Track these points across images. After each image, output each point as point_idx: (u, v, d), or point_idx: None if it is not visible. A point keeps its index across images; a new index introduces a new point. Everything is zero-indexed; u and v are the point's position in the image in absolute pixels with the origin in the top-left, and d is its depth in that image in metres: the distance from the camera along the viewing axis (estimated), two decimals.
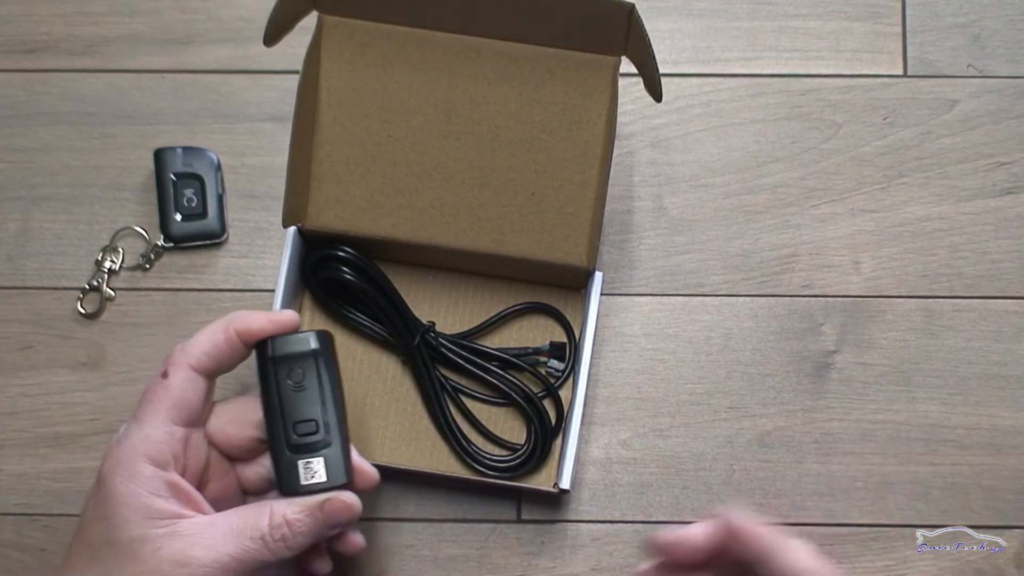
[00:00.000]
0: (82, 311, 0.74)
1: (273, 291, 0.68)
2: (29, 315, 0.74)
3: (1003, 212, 0.75)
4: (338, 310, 0.71)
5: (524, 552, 0.71)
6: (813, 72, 0.78)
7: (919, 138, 0.76)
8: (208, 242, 0.75)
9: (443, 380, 0.71)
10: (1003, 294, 0.74)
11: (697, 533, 0.53)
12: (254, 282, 0.74)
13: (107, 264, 0.74)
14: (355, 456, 0.58)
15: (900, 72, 0.77)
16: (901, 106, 0.77)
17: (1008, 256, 0.74)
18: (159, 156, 0.75)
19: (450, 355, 0.70)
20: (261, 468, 0.59)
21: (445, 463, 0.70)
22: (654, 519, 0.71)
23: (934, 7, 0.78)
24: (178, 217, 0.74)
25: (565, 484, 0.67)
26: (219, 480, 0.58)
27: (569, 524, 0.71)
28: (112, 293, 0.74)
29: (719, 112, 0.77)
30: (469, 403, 0.71)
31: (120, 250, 0.75)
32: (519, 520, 0.71)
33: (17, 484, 0.72)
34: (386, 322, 0.71)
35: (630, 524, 0.71)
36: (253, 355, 0.58)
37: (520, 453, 0.70)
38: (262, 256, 0.75)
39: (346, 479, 0.56)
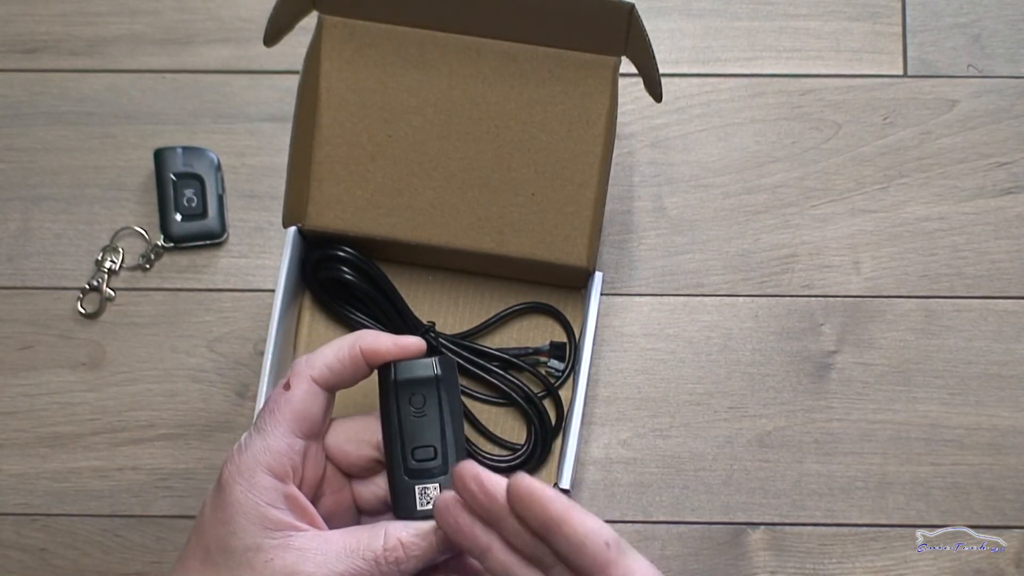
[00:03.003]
0: (82, 311, 0.74)
1: (273, 291, 0.68)
2: (29, 315, 0.74)
3: (1003, 212, 0.75)
4: (338, 310, 0.71)
5: None
6: (813, 72, 0.78)
7: (919, 138, 0.76)
8: (208, 242, 0.75)
9: None
10: (1003, 294, 0.74)
11: (496, 482, 0.51)
12: (254, 282, 0.74)
13: (107, 264, 0.74)
14: None
15: (900, 72, 0.77)
16: (901, 106, 0.77)
17: (1008, 256, 0.74)
18: (159, 156, 0.75)
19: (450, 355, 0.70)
20: (377, 488, 0.59)
21: None
22: (654, 519, 0.71)
23: (934, 7, 0.78)
24: (178, 217, 0.74)
25: (565, 484, 0.67)
26: (334, 495, 0.58)
27: None
28: (112, 293, 0.74)
29: (719, 112, 0.77)
30: (469, 403, 0.71)
31: (120, 250, 0.75)
32: None
33: (17, 484, 0.72)
34: (386, 322, 0.71)
35: (630, 524, 0.71)
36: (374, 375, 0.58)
37: (520, 453, 0.70)
38: (262, 256, 0.75)
39: None
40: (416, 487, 0.55)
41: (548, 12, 0.66)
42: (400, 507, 0.55)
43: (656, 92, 0.68)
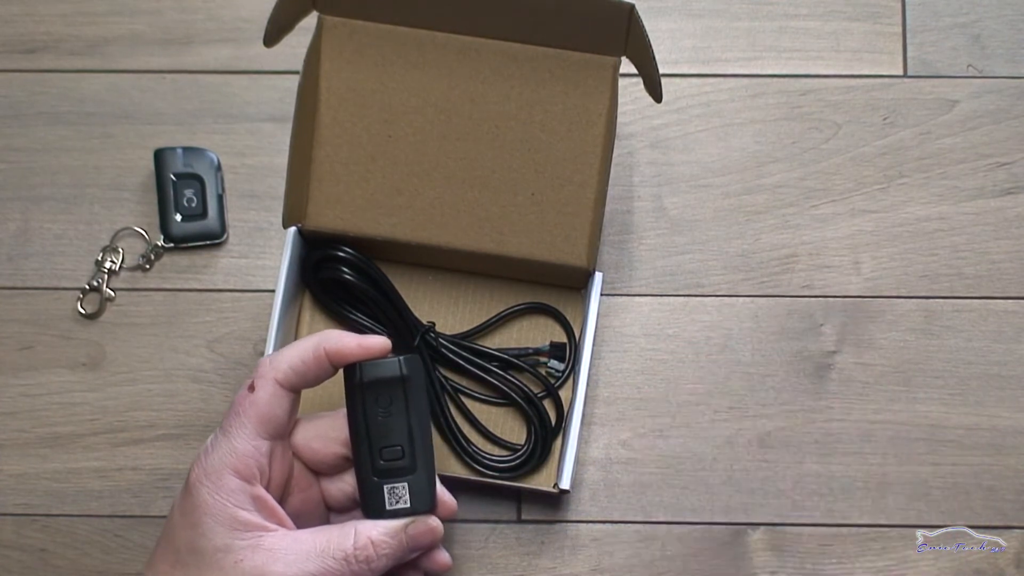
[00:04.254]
0: (82, 311, 0.74)
1: (273, 291, 0.68)
2: (29, 315, 0.74)
3: (1003, 212, 0.75)
4: (338, 310, 0.71)
5: (524, 552, 0.71)
6: (813, 72, 0.78)
7: (919, 138, 0.76)
8: (208, 242, 0.75)
9: (443, 380, 0.71)
10: (1003, 294, 0.74)
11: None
12: (254, 282, 0.74)
13: (107, 264, 0.74)
14: (437, 486, 0.59)
15: (900, 72, 0.77)
16: (901, 106, 0.77)
17: (1008, 256, 0.74)
18: (159, 156, 0.75)
19: (450, 355, 0.70)
20: (345, 485, 0.59)
21: (445, 463, 0.70)
22: (654, 519, 0.71)
23: (934, 7, 0.78)
24: (178, 217, 0.74)
25: (565, 484, 0.67)
26: (302, 493, 0.58)
27: (569, 524, 0.71)
28: (112, 293, 0.74)
29: (719, 112, 0.77)
30: (469, 403, 0.71)
31: (120, 250, 0.75)
32: (519, 520, 0.71)
33: (17, 484, 0.72)
34: (386, 322, 0.71)
35: (630, 524, 0.71)
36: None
37: (520, 453, 0.70)
38: (262, 256, 0.75)
39: (430, 506, 0.56)
40: (385, 486, 0.55)
41: (548, 12, 0.66)
42: (369, 507, 0.56)
43: (656, 92, 0.68)
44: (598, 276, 0.69)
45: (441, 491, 0.59)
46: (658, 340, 0.74)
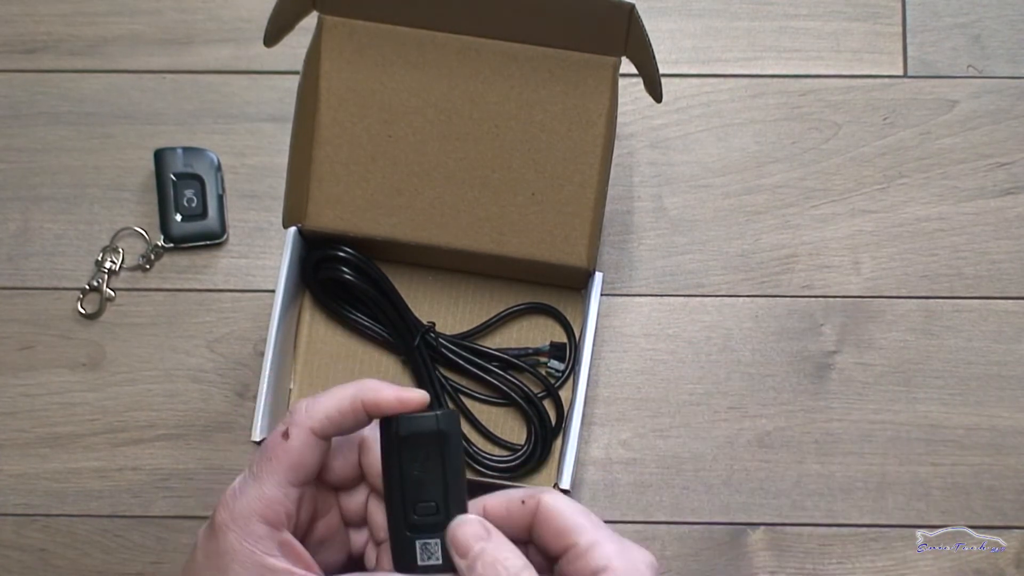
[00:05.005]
0: (82, 311, 0.74)
1: (273, 291, 0.68)
2: (29, 315, 0.74)
3: (1003, 212, 0.75)
4: (338, 310, 0.71)
5: None
6: (813, 72, 0.78)
7: (919, 138, 0.76)
8: (208, 242, 0.75)
9: (443, 380, 0.71)
10: (1003, 294, 0.74)
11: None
12: (254, 282, 0.74)
13: (107, 264, 0.74)
14: None
15: (900, 72, 0.77)
16: (901, 106, 0.77)
17: (1008, 256, 0.75)
18: (159, 156, 0.75)
19: (450, 355, 0.70)
20: (361, 497, 0.59)
21: None
22: (654, 519, 0.71)
23: (934, 7, 0.78)
24: (178, 217, 0.74)
25: (565, 484, 0.67)
26: (323, 518, 0.58)
27: None
28: (112, 293, 0.74)
29: (719, 112, 0.77)
30: (469, 403, 0.71)
31: (120, 250, 0.75)
32: None
33: (17, 484, 0.72)
34: (386, 322, 0.71)
35: (630, 524, 0.71)
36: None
37: (520, 453, 0.70)
38: (262, 256, 0.75)
39: None
40: (417, 542, 0.55)
41: (548, 12, 0.66)
42: (401, 562, 0.56)
43: (656, 93, 0.68)
44: (598, 276, 0.69)
45: None
46: (658, 340, 0.74)
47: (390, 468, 0.55)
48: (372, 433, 0.56)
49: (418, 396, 0.56)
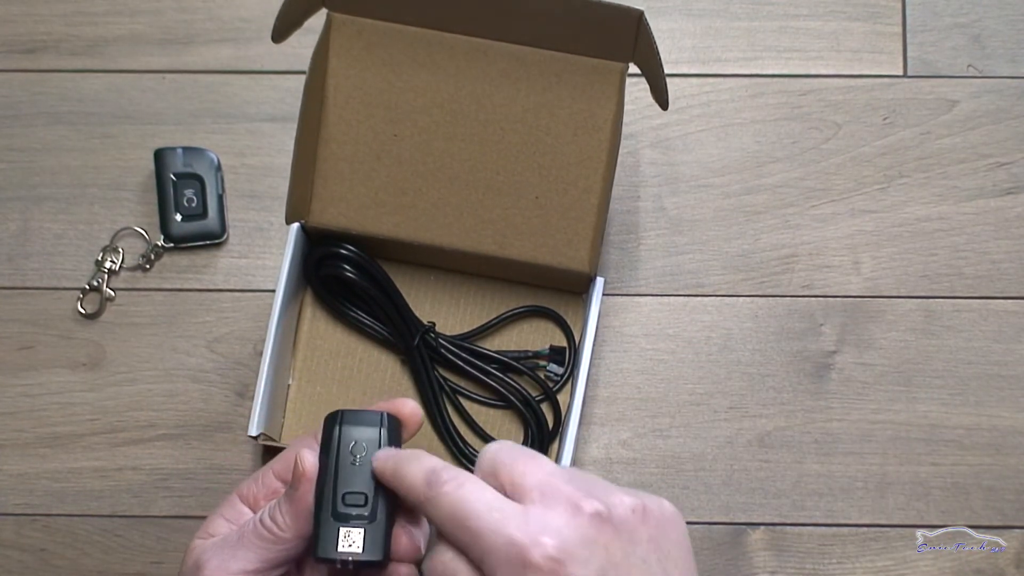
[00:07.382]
0: (82, 311, 0.74)
1: (273, 291, 0.68)
2: (29, 315, 0.74)
3: (1003, 212, 0.75)
4: (339, 307, 0.71)
5: None
6: (813, 72, 0.78)
7: (919, 138, 0.76)
8: (208, 242, 0.75)
9: (442, 381, 0.71)
10: (1003, 294, 0.74)
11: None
12: (254, 282, 0.74)
13: (107, 264, 0.74)
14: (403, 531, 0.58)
15: (900, 72, 0.77)
16: (901, 106, 0.77)
17: (1008, 256, 0.75)
18: (159, 156, 0.75)
19: (449, 356, 0.70)
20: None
21: None
22: None
23: (934, 7, 0.78)
24: (178, 217, 0.74)
25: None
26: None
27: None
28: (112, 293, 0.74)
29: (719, 112, 0.77)
30: (467, 405, 0.71)
31: (120, 250, 0.75)
32: None
33: (17, 484, 0.72)
34: (386, 321, 0.71)
35: None
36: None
37: None
38: (262, 256, 0.75)
39: (381, 556, 0.56)
40: (340, 529, 0.55)
41: (557, 16, 0.66)
42: (321, 546, 0.56)
43: (662, 99, 0.67)
44: (599, 281, 0.69)
45: (405, 533, 0.58)
46: (658, 340, 0.74)
47: (327, 456, 0.56)
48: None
49: (410, 406, 0.58)
